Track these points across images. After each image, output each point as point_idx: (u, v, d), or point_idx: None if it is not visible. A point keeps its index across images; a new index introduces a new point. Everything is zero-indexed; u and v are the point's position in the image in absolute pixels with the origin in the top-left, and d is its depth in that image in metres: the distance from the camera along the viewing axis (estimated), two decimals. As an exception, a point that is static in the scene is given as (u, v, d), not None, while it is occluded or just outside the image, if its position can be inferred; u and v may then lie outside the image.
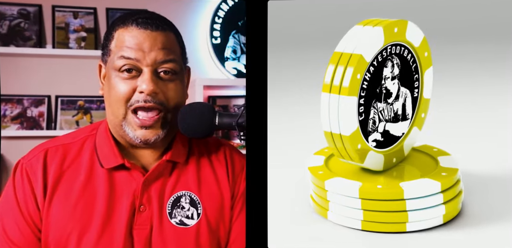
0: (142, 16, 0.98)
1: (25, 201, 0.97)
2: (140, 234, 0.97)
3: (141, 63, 0.95)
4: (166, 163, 1.00)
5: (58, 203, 0.97)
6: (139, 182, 0.98)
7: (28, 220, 0.96)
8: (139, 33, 0.96)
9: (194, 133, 0.98)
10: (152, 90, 0.95)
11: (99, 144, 1.00)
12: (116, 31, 0.98)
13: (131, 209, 0.97)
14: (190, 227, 0.99)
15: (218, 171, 1.04)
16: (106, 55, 0.99)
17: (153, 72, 0.96)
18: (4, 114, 2.01)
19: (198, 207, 1.00)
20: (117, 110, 0.97)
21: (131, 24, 0.97)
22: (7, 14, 2.03)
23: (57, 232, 0.96)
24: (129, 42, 0.96)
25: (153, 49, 0.96)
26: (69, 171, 0.98)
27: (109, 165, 0.98)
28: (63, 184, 0.97)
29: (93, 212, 0.96)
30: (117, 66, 0.96)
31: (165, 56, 0.97)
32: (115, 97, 0.96)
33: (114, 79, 0.96)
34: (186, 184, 1.01)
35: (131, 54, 0.95)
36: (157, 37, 0.97)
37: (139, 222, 0.97)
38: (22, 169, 0.98)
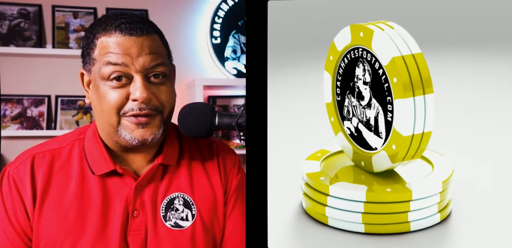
0: (124, 21, 0.94)
1: (14, 210, 0.94)
2: (135, 239, 0.96)
3: (130, 69, 0.92)
4: (157, 166, 0.99)
5: (49, 211, 0.94)
6: (131, 187, 0.96)
7: (18, 229, 0.94)
8: (124, 39, 0.93)
9: (194, 133, 0.98)
10: (146, 98, 0.92)
11: (88, 150, 0.98)
12: (98, 38, 0.94)
13: (124, 215, 0.95)
14: (185, 229, 0.98)
15: (209, 169, 1.03)
16: (89, 64, 0.96)
17: (144, 78, 0.93)
18: (4, 114, 2.01)
19: (192, 208, 0.99)
20: (110, 119, 0.94)
21: (114, 30, 0.93)
22: (7, 14, 2.04)
23: (49, 241, 0.94)
24: (114, 49, 0.92)
25: (141, 55, 0.93)
26: (58, 177, 0.96)
27: (100, 172, 0.96)
28: (53, 191, 0.95)
29: (86, 219, 0.94)
30: (105, 74, 0.93)
31: (154, 61, 0.94)
32: (107, 106, 0.93)
33: (103, 88, 0.93)
34: (178, 186, 1.00)
35: (118, 60, 0.92)
36: (144, 42, 0.93)
37: (133, 227, 0.96)
38: (9, 177, 0.96)
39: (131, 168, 0.99)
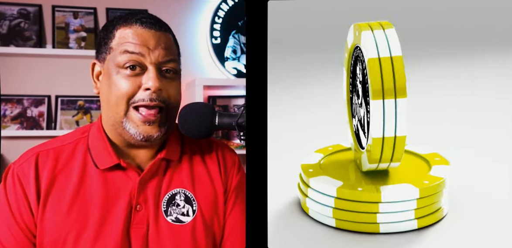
0: (145, 16, 0.99)
1: (18, 206, 0.96)
2: (137, 233, 0.97)
3: (146, 60, 0.96)
4: (160, 161, 1.00)
5: (52, 207, 0.96)
6: (135, 181, 0.98)
7: (22, 226, 0.96)
8: (144, 31, 0.97)
9: (194, 133, 0.98)
10: (158, 87, 0.95)
11: (92, 145, 1.00)
12: (117, 29, 0.98)
13: (127, 209, 0.97)
14: (186, 224, 0.99)
15: (210, 167, 1.04)
16: (105, 52, 0.99)
17: (158, 70, 0.97)
18: (4, 114, 2.01)
19: (193, 203, 1.00)
20: (117, 107, 0.96)
21: (135, 23, 0.98)
22: (7, 14, 2.04)
23: (53, 237, 0.95)
24: (133, 39, 0.97)
25: (157, 48, 0.97)
26: (62, 174, 0.98)
27: (104, 166, 0.98)
28: (57, 188, 0.97)
29: (88, 213, 0.96)
30: (121, 62, 0.96)
31: (168, 56, 0.98)
32: (117, 94, 0.96)
33: (115, 76, 0.96)
34: (180, 181, 1.01)
35: (136, 49, 0.96)
36: (161, 37, 0.98)
37: (136, 221, 0.97)
38: (14, 174, 0.97)
39: (135, 162, 1.01)
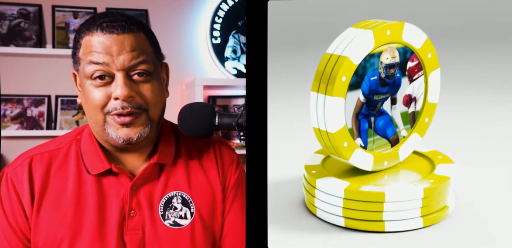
0: (106, 19, 0.94)
1: (13, 211, 0.95)
2: (132, 239, 0.96)
3: (111, 68, 0.93)
4: (153, 166, 0.99)
5: (46, 211, 0.95)
6: (127, 187, 0.96)
7: (16, 230, 0.95)
8: (105, 38, 0.93)
9: (194, 133, 0.98)
10: (127, 95, 0.92)
11: (84, 150, 0.98)
12: (82, 38, 0.95)
13: (121, 215, 0.96)
14: (184, 227, 0.98)
15: (207, 166, 1.03)
16: (76, 64, 0.97)
17: (126, 76, 0.93)
18: (4, 114, 2.01)
19: (190, 206, 0.99)
20: (95, 116, 0.95)
21: (96, 29, 0.94)
22: (7, 14, 2.04)
23: (47, 241, 0.94)
24: (96, 48, 0.93)
25: (121, 53, 0.93)
26: (56, 178, 0.97)
27: (95, 171, 0.96)
28: (51, 192, 0.96)
29: (83, 219, 0.95)
30: (88, 73, 0.93)
31: (135, 59, 0.94)
32: (91, 105, 0.94)
33: (88, 88, 0.94)
34: (176, 184, 1.00)
35: (99, 59, 0.92)
36: (125, 40, 0.93)
37: (130, 227, 0.96)
38: (8, 179, 0.96)
39: (127, 168, 0.99)
